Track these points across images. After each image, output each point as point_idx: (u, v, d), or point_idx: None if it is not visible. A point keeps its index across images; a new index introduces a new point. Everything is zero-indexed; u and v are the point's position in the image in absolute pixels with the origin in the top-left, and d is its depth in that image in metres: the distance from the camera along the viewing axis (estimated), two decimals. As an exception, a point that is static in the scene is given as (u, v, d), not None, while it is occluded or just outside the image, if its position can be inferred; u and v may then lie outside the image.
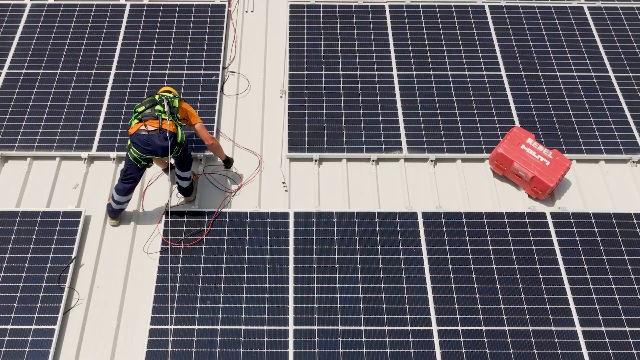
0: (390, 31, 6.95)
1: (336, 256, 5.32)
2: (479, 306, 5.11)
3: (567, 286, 5.23)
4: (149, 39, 6.71)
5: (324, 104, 6.30)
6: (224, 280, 5.14)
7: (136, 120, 5.05)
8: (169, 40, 6.71)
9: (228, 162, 5.81)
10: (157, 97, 5.14)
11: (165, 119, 5.01)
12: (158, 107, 5.07)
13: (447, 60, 6.73)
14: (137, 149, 4.97)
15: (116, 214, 5.39)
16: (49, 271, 5.07)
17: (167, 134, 4.96)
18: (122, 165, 5.77)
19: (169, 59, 6.54)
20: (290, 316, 4.98)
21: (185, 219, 5.46)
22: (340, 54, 6.72)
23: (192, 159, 5.43)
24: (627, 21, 7.22)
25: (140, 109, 5.08)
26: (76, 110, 6.10)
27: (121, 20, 6.86)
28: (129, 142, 5.06)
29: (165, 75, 6.40)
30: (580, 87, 6.58)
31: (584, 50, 6.91)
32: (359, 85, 6.47)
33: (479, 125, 6.22)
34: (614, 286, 5.24)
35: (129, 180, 5.15)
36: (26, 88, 6.27)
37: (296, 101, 6.31)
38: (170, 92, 5.37)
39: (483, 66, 6.70)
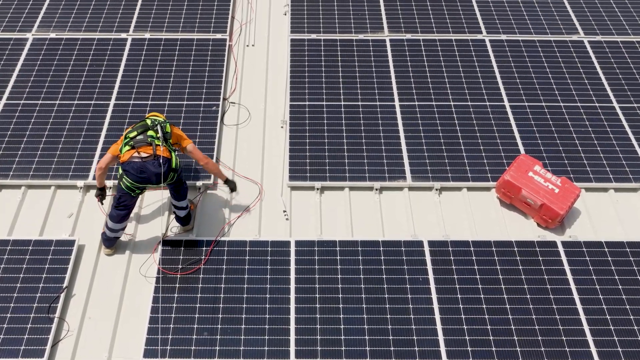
0: (391, 63, 6.94)
1: (339, 286, 5.08)
2: (491, 338, 4.83)
3: (582, 317, 4.97)
4: (150, 70, 6.69)
5: (326, 134, 6.20)
6: (221, 311, 4.89)
7: (127, 147, 4.82)
8: (170, 72, 6.69)
9: (229, 183, 5.59)
10: (149, 121, 4.93)
11: (159, 145, 4.81)
12: (150, 133, 4.85)
13: (449, 91, 6.69)
14: (130, 177, 4.76)
15: (111, 242, 5.19)
16: (38, 301, 4.82)
17: (162, 160, 4.76)
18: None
19: (169, 90, 6.50)
20: (292, 348, 4.70)
21: (182, 248, 5.25)
22: (341, 85, 6.69)
23: (187, 187, 5.25)
24: (628, 54, 7.23)
25: (132, 135, 4.85)
26: (74, 139, 6.00)
27: (122, 53, 6.86)
28: (120, 170, 4.84)
29: (165, 106, 6.34)
30: (585, 117, 6.51)
31: (586, 81, 6.88)
32: (361, 116, 6.39)
33: (483, 154, 6.10)
34: (631, 317, 4.98)
35: (122, 207, 4.96)
36: (24, 118, 6.20)
37: (297, 130, 6.22)
38: (158, 117, 5.14)
39: (486, 97, 6.64)
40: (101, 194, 5.29)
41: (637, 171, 6.02)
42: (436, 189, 5.87)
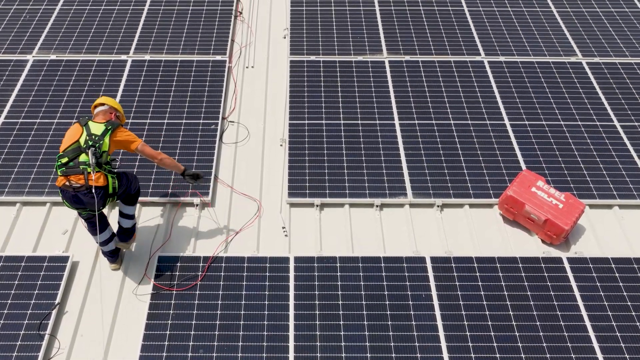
0: (390, 83, 6.95)
1: (340, 302, 4.93)
2: (497, 355, 4.66)
3: (591, 334, 4.80)
4: (149, 90, 6.69)
5: (325, 151, 6.14)
6: (218, 328, 4.72)
7: (59, 172, 4.46)
8: (169, 92, 6.69)
9: (191, 176, 5.07)
10: (82, 140, 4.49)
11: (91, 173, 4.39)
12: (82, 158, 4.43)
13: (448, 110, 6.66)
14: (68, 203, 4.59)
15: (106, 255, 5.06)
16: (29, 318, 4.67)
17: (94, 191, 4.41)
18: (115, 211, 5.55)
19: (168, 110, 6.48)
20: (291, 366, 4.53)
21: (178, 264, 5.13)
22: (340, 104, 6.67)
23: (136, 194, 4.95)
24: (627, 75, 7.24)
25: (63, 160, 4.45)
26: (71, 156, 5.95)
27: (122, 74, 6.87)
28: (60, 192, 4.61)
29: (163, 124, 6.30)
30: (586, 135, 6.46)
31: (586, 101, 6.87)
32: (361, 134, 6.35)
33: (485, 171, 6.03)
34: (642, 334, 4.83)
35: (87, 221, 4.81)
36: (21, 136, 6.16)
37: (296, 148, 6.16)
38: (104, 104, 4.77)
39: (486, 115, 6.62)
40: None
41: (641, 188, 5.94)
42: (437, 206, 5.77)
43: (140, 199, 5.40)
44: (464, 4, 8.19)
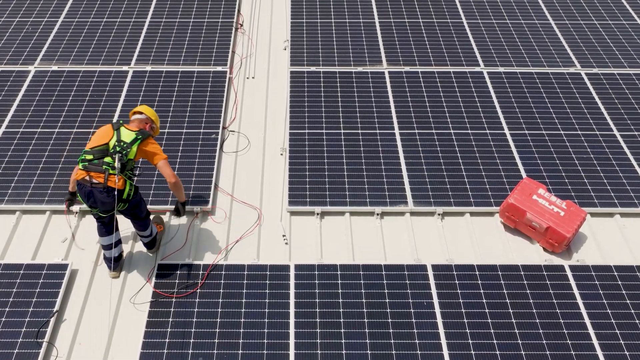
0: (390, 94, 6.97)
1: (341, 310, 4.89)
2: (500, 363, 4.62)
3: (595, 341, 4.76)
4: (150, 100, 6.71)
5: (325, 160, 6.15)
6: (218, 336, 4.68)
7: (81, 166, 4.54)
8: (170, 102, 6.71)
9: (183, 206, 5.12)
10: (111, 144, 4.58)
11: (113, 174, 4.49)
12: (107, 160, 4.52)
13: (448, 120, 6.67)
14: (80, 197, 4.61)
15: (109, 262, 5.03)
16: (27, 326, 4.62)
17: (112, 192, 4.49)
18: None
19: (169, 119, 6.50)
20: (291, 374, 4.48)
21: (178, 272, 5.09)
22: (341, 114, 6.69)
23: (148, 222, 5.02)
24: (625, 86, 7.27)
25: (88, 157, 4.54)
26: (71, 165, 5.93)
27: (123, 85, 6.90)
28: (76, 187, 4.65)
29: (164, 134, 6.31)
30: (586, 144, 6.47)
31: (586, 111, 6.88)
32: (361, 143, 6.36)
33: (485, 179, 6.02)
34: (646, 342, 4.78)
35: (98, 221, 4.80)
36: (22, 145, 6.16)
37: (297, 157, 6.17)
38: (142, 113, 4.90)
39: (486, 125, 6.63)
40: (70, 198, 5.09)
41: (642, 196, 5.93)
42: (438, 214, 5.76)
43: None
44: (462, 16, 8.27)
